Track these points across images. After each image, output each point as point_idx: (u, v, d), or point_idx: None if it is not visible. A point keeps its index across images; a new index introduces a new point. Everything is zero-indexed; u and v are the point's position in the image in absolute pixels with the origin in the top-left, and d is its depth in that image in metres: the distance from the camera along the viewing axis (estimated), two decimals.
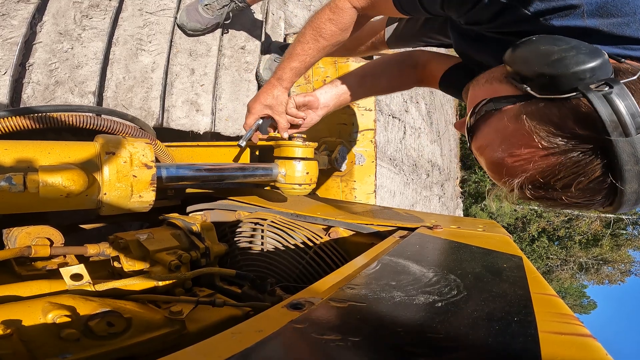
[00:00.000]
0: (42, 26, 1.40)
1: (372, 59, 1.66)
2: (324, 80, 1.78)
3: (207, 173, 0.98)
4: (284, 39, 2.22)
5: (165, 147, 1.19)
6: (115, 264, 0.88)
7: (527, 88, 0.61)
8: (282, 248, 0.99)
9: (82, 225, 1.14)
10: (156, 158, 1.09)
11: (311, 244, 0.95)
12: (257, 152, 1.33)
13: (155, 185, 0.79)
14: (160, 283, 0.82)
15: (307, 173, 1.12)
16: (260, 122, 1.14)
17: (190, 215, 1.15)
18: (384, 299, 0.44)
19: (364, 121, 1.73)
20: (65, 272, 0.69)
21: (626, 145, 0.53)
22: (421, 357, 0.33)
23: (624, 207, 0.59)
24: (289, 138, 1.14)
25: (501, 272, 0.58)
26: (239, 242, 1.07)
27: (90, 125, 1.06)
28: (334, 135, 1.72)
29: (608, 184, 0.57)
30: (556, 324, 0.41)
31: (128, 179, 0.75)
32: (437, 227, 0.86)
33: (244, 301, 0.86)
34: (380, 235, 0.91)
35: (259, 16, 2.03)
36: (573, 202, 0.61)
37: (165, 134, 1.67)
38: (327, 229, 1.00)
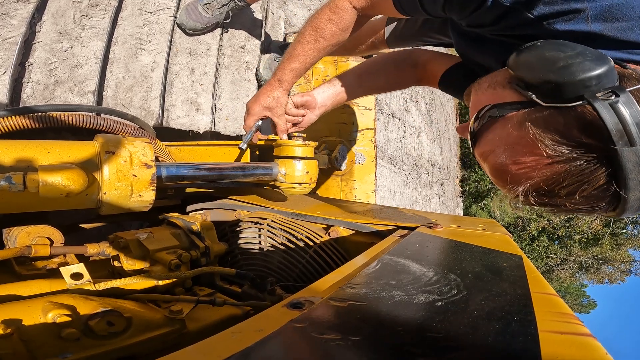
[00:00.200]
0: (42, 26, 1.40)
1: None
2: (324, 80, 1.77)
3: (207, 172, 0.98)
4: (284, 38, 2.21)
5: (165, 146, 1.19)
6: (116, 263, 0.88)
7: (532, 95, 0.61)
8: (282, 247, 0.99)
9: (82, 225, 1.14)
10: (156, 157, 1.09)
11: (311, 243, 0.95)
12: (257, 152, 1.32)
13: (155, 185, 0.78)
14: (160, 282, 0.82)
15: (307, 172, 1.12)
16: (260, 123, 1.15)
17: (190, 214, 1.15)
18: (384, 298, 0.44)
19: (364, 120, 1.72)
20: (66, 272, 0.69)
21: (631, 155, 0.53)
22: (421, 357, 0.33)
23: (626, 213, 0.59)
24: (289, 137, 1.14)
25: (501, 272, 0.58)
26: (239, 241, 1.07)
27: (90, 124, 1.06)
28: (334, 134, 1.71)
29: (612, 192, 0.57)
30: (556, 323, 0.41)
31: (128, 179, 0.75)
32: (437, 226, 0.86)
33: (244, 300, 0.86)
34: (380, 235, 0.91)
35: (258, 15, 2.02)
36: (576, 208, 0.61)
37: (165, 134, 1.67)
38: (327, 228, 1.00)
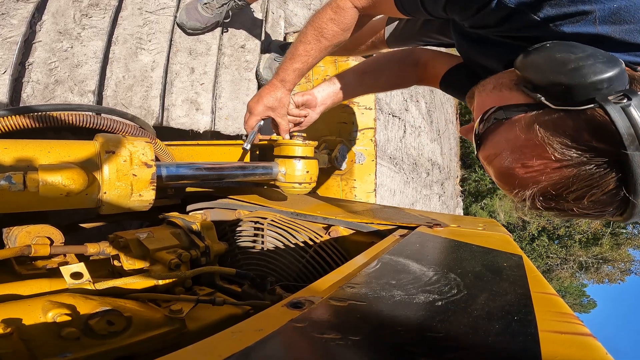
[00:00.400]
0: (42, 25, 1.39)
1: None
2: (324, 80, 1.77)
3: (207, 172, 0.98)
4: (284, 38, 2.21)
5: (165, 146, 1.19)
6: (115, 262, 0.88)
7: (541, 97, 0.59)
8: (282, 247, 0.99)
9: (82, 225, 1.14)
10: (156, 157, 1.09)
11: (311, 243, 0.95)
12: (257, 152, 1.33)
13: (155, 184, 0.78)
14: (160, 282, 0.82)
15: (307, 172, 1.12)
16: (262, 123, 1.15)
17: (190, 214, 1.15)
18: (384, 298, 0.44)
19: (364, 120, 1.72)
20: (66, 271, 0.69)
21: None
22: (421, 356, 0.33)
23: (634, 218, 0.58)
24: (290, 137, 1.14)
25: (501, 271, 0.58)
26: (239, 241, 1.07)
27: (90, 124, 1.06)
28: (334, 134, 1.71)
29: (621, 197, 0.56)
30: (556, 323, 0.41)
31: (128, 178, 0.75)
32: (438, 225, 0.86)
33: (244, 300, 0.86)
34: (381, 234, 0.91)
35: (258, 15, 2.02)
36: (584, 213, 0.60)
37: (165, 133, 1.67)
38: (327, 228, 1.00)
